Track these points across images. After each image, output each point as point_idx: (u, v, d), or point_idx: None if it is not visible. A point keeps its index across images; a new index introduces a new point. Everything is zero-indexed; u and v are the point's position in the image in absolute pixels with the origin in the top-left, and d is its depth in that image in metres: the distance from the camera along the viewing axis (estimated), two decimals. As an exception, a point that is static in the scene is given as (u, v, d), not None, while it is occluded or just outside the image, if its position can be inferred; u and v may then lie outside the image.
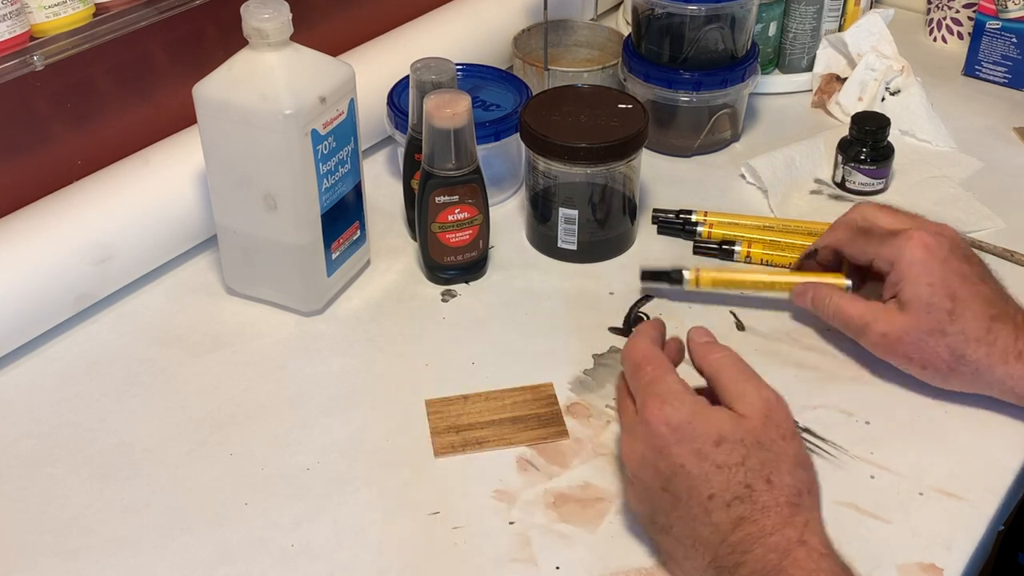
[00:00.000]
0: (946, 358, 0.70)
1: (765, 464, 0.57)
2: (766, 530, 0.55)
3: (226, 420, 0.74)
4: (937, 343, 0.70)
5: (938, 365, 0.71)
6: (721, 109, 1.02)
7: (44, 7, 0.74)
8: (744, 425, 0.58)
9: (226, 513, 0.67)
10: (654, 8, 0.99)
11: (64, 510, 0.68)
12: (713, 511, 0.57)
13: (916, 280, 0.70)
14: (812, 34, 1.13)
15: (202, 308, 0.84)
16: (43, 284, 0.78)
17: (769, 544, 0.55)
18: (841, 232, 0.77)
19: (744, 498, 0.56)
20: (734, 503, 0.56)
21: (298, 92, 0.74)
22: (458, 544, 0.65)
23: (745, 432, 0.58)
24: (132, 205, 0.83)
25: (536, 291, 0.86)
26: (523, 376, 0.77)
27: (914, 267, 0.70)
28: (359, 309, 0.84)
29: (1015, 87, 1.15)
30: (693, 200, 0.96)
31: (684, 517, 0.58)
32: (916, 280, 0.70)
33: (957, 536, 0.65)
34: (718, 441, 0.58)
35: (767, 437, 0.58)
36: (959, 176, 1.00)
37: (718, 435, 0.58)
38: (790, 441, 0.59)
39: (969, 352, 0.69)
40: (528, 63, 1.06)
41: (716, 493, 0.57)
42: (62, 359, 0.80)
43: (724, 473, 0.57)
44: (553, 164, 0.85)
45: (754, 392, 0.60)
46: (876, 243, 0.74)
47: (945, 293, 0.69)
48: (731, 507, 0.56)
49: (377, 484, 0.69)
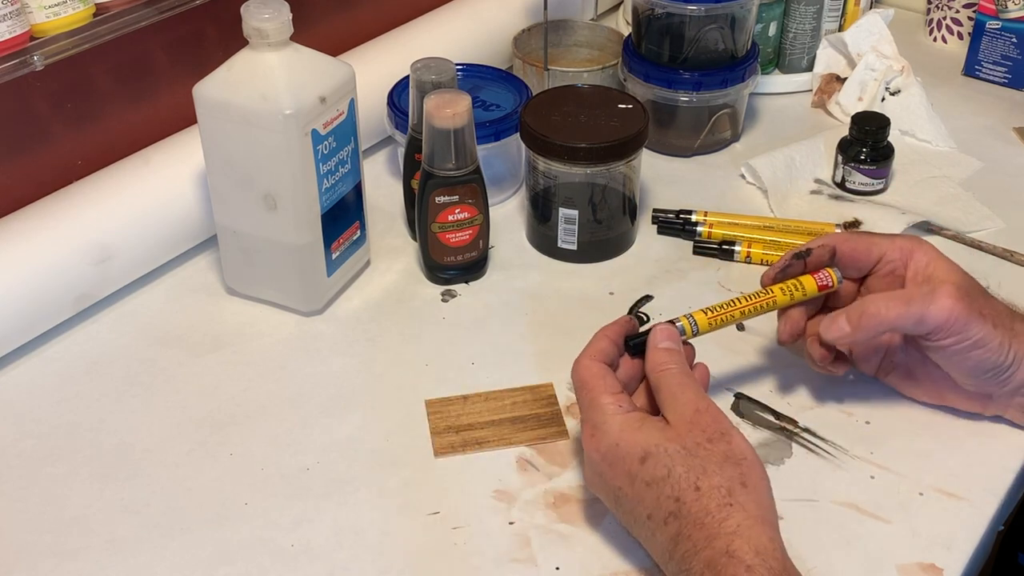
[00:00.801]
0: (1003, 312, 0.66)
1: (691, 469, 0.57)
2: (698, 545, 0.55)
3: (226, 420, 0.74)
4: (988, 299, 0.67)
5: (1003, 319, 0.65)
6: (721, 109, 1.02)
7: (44, 7, 0.74)
8: (668, 433, 0.58)
9: (226, 513, 0.67)
10: (654, 8, 0.99)
11: (64, 510, 0.68)
12: (655, 531, 0.57)
13: (943, 263, 0.67)
14: (812, 34, 1.13)
15: (202, 308, 0.84)
16: (43, 284, 0.78)
17: (703, 559, 0.55)
18: (835, 236, 0.71)
19: (676, 513, 0.56)
20: (669, 520, 0.56)
21: (298, 92, 0.74)
22: (458, 544, 0.65)
23: (668, 440, 0.58)
24: (132, 205, 0.83)
25: (536, 291, 0.86)
26: (523, 376, 0.77)
27: (935, 257, 0.68)
28: (359, 309, 0.84)
29: (1015, 87, 1.15)
30: (693, 200, 0.96)
31: (640, 535, 0.60)
32: (943, 263, 0.67)
33: (957, 536, 0.65)
34: (643, 458, 0.58)
35: (692, 441, 0.58)
36: (959, 176, 1.00)
37: (643, 452, 0.58)
38: (717, 443, 0.58)
39: (1018, 324, 0.66)
40: (528, 63, 1.06)
41: (652, 513, 0.57)
42: (62, 359, 0.80)
43: (654, 490, 0.57)
44: (553, 164, 0.85)
45: (684, 398, 0.60)
46: (883, 239, 0.70)
47: (971, 281, 0.68)
48: (667, 524, 0.56)
49: (377, 484, 0.69)
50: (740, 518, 0.55)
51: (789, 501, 0.67)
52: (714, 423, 0.59)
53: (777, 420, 0.73)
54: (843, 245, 0.70)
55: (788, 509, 0.66)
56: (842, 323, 0.67)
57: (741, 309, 0.69)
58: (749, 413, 0.74)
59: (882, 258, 0.70)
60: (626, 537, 0.65)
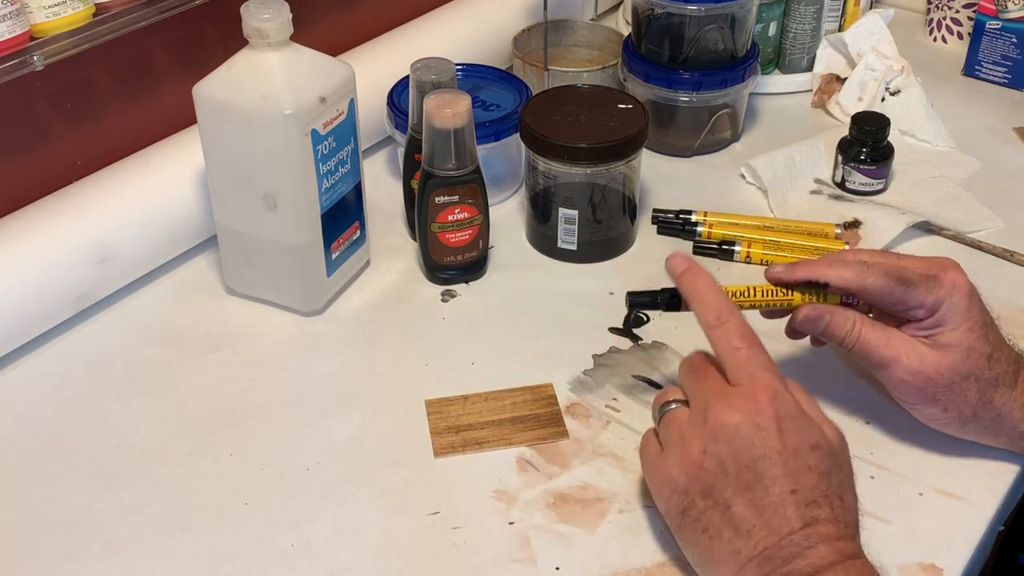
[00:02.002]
0: (973, 403, 0.68)
1: (842, 483, 0.59)
2: (831, 535, 0.56)
3: (226, 420, 0.74)
4: (969, 387, 0.67)
5: (963, 409, 0.68)
6: (721, 109, 1.02)
7: (44, 7, 0.74)
8: (833, 442, 0.60)
9: (226, 513, 0.67)
10: (654, 8, 0.99)
11: (64, 510, 0.68)
12: (790, 505, 0.57)
13: (959, 325, 0.67)
14: (812, 34, 1.13)
15: (202, 308, 0.84)
16: (43, 284, 0.78)
17: (836, 547, 0.56)
18: (863, 272, 0.67)
19: (821, 504, 0.57)
20: (811, 506, 0.57)
21: (298, 92, 0.74)
22: (458, 544, 0.65)
23: (832, 448, 0.59)
24: (132, 205, 0.83)
25: (536, 291, 0.86)
26: (523, 376, 0.77)
27: (958, 313, 0.67)
28: (359, 309, 0.84)
29: (1015, 87, 1.15)
30: (693, 200, 0.96)
31: (755, 499, 0.57)
32: (959, 325, 0.67)
33: (957, 536, 0.65)
34: (814, 446, 0.58)
35: (844, 459, 0.60)
36: (959, 176, 1.00)
37: (815, 440, 0.59)
38: (849, 472, 0.61)
39: (997, 398, 0.68)
40: (528, 63, 1.06)
41: (800, 490, 0.57)
42: (62, 359, 0.80)
43: (812, 476, 0.58)
44: (553, 164, 0.86)
45: (829, 422, 0.61)
46: (921, 291, 0.67)
47: (985, 339, 0.67)
48: (808, 508, 0.57)
49: (377, 484, 0.69)
50: (857, 552, 0.57)
51: (789, 501, 0.67)
52: (845, 449, 0.61)
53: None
54: (876, 293, 0.68)
55: (788, 509, 0.67)
56: (821, 325, 0.68)
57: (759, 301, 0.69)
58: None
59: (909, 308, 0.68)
60: (626, 537, 0.65)
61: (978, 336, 0.67)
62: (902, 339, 0.67)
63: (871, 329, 0.67)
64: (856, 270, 0.67)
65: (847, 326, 0.68)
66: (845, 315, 0.68)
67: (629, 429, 0.73)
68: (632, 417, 0.74)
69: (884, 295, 0.67)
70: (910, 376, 0.67)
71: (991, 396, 0.67)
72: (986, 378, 0.67)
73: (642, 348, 0.80)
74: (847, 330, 0.68)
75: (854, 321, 0.68)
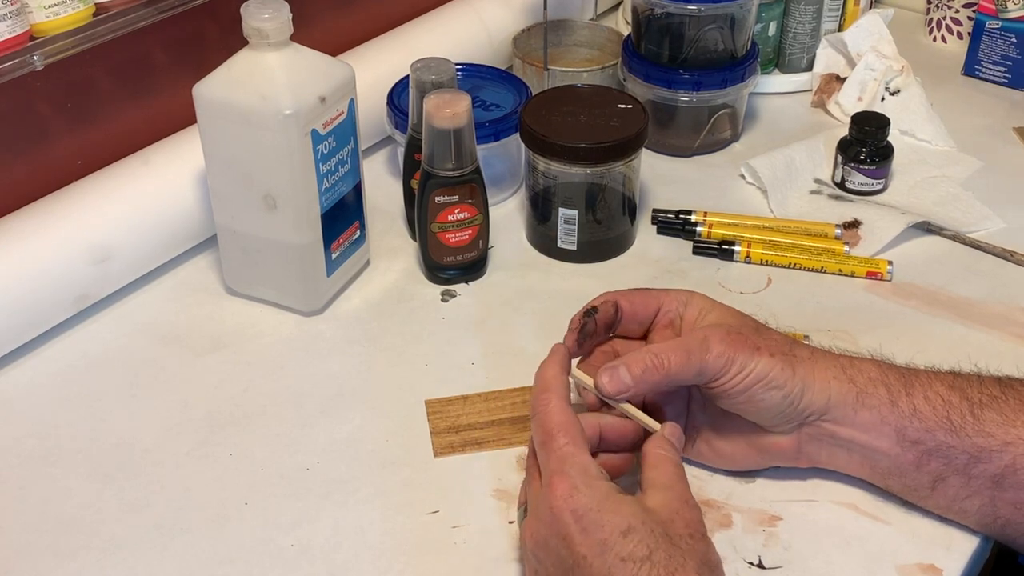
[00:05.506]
0: (779, 340, 0.65)
1: (672, 559, 0.54)
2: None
3: (226, 420, 0.74)
4: (767, 330, 0.66)
5: (781, 348, 0.64)
6: (721, 109, 1.02)
7: (44, 7, 0.74)
8: (653, 516, 0.56)
9: (226, 513, 0.67)
10: (654, 8, 0.99)
11: (64, 510, 0.68)
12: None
13: (718, 309, 0.66)
14: (812, 34, 1.13)
15: (202, 308, 0.84)
16: (43, 284, 0.78)
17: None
18: (616, 293, 0.68)
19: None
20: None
21: (298, 92, 0.74)
22: (458, 544, 0.65)
23: (655, 523, 0.55)
24: (132, 205, 0.83)
25: (536, 291, 0.86)
26: (523, 376, 0.77)
27: (709, 305, 0.67)
28: (359, 309, 0.84)
29: (1015, 87, 1.15)
30: (693, 200, 0.96)
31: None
32: (718, 309, 0.66)
33: (957, 536, 0.65)
34: (626, 532, 0.54)
35: (675, 532, 0.56)
36: (959, 176, 1.00)
37: (627, 525, 0.55)
38: (698, 541, 0.56)
39: (797, 350, 0.65)
40: (528, 63, 1.06)
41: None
42: (62, 359, 0.80)
43: (628, 568, 0.54)
44: (553, 164, 0.86)
45: (677, 488, 0.58)
46: (661, 292, 0.68)
47: (745, 319, 0.66)
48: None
49: (377, 484, 0.69)
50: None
51: (789, 502, 0.67)
52: (697, 523, 0.57)
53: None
54: (623, 300, 0.68)
55: (788, 509, 0.67)
56: (623, 374, 0.62)
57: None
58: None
59: (660, 309, 0.68)
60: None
61: (741, 317, 0.66)
62: (687, 344, 0.64)
63: (672, 353, 0.63)
64: (607, 294, 0.68)
65: (648, 361, 0.63)
66: (650, 357, 0.63)
67: (629, 429, 0.73)
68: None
69: (631, 301, 0.68)
70: (726, 336, 0.63)
71: (790, 346, 0.65)
72: (771, 327, 0.66)
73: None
74: (663, 366, 0.62)
75: (651, 356, 0.63)
